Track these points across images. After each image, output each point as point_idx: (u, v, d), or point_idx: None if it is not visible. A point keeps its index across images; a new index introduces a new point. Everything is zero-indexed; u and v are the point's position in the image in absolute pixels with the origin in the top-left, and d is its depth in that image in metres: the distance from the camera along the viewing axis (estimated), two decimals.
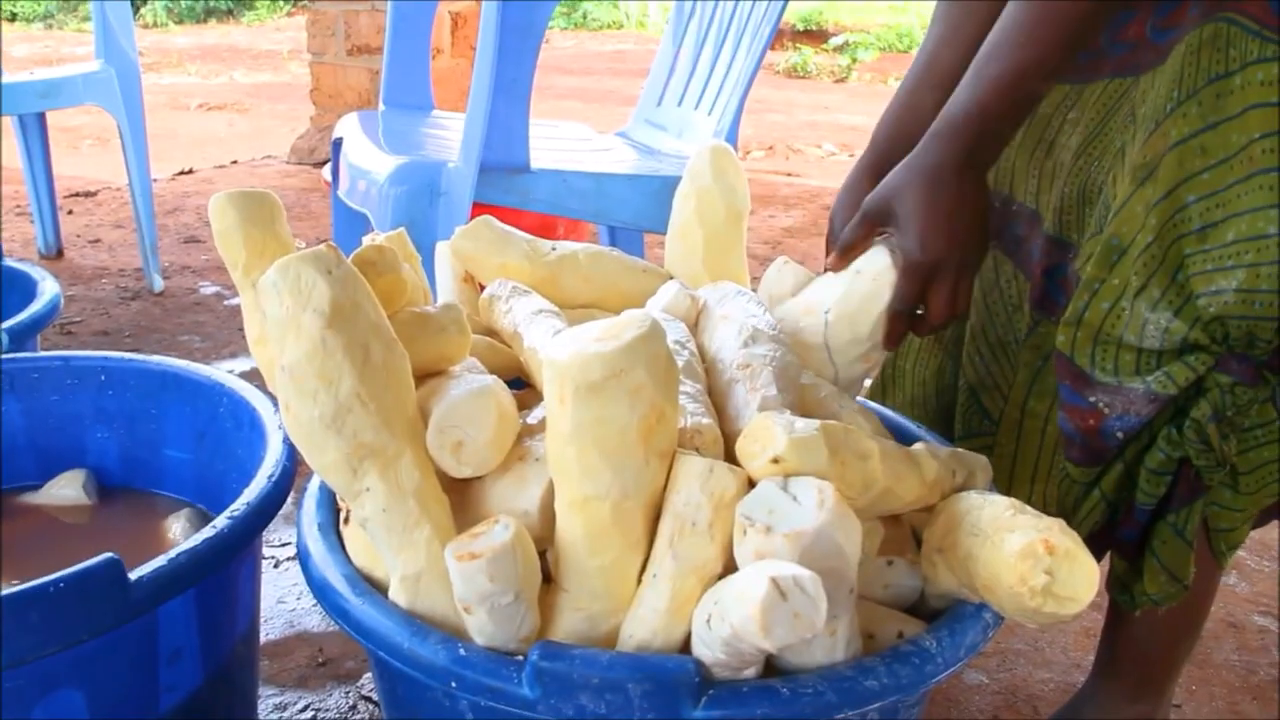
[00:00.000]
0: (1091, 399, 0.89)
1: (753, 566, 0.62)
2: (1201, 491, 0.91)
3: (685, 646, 0.68)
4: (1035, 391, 1.01)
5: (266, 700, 1.22)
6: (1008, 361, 1.04)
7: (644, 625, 0.69)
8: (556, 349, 0.68)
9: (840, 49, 8.02)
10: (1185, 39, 0.84)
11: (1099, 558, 1.00)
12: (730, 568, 0.67)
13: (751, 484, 0.70)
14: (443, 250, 1.06)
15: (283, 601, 1.41)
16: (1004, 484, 1.04)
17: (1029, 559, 0.66)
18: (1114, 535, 0.97)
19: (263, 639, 1.31)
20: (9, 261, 1.52)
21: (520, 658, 0.68)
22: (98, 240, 3.01)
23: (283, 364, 0.71)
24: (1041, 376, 1.00)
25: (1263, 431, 0.88)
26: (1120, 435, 0.89)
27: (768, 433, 0.70)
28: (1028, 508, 0.72)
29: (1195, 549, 0.93)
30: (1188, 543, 0.92)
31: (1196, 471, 0.89)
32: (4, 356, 1.11)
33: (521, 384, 0.95)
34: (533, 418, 0.85)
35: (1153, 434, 0.90)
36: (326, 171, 2.10)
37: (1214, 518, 0.93)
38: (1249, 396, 0.86)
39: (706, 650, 0.65)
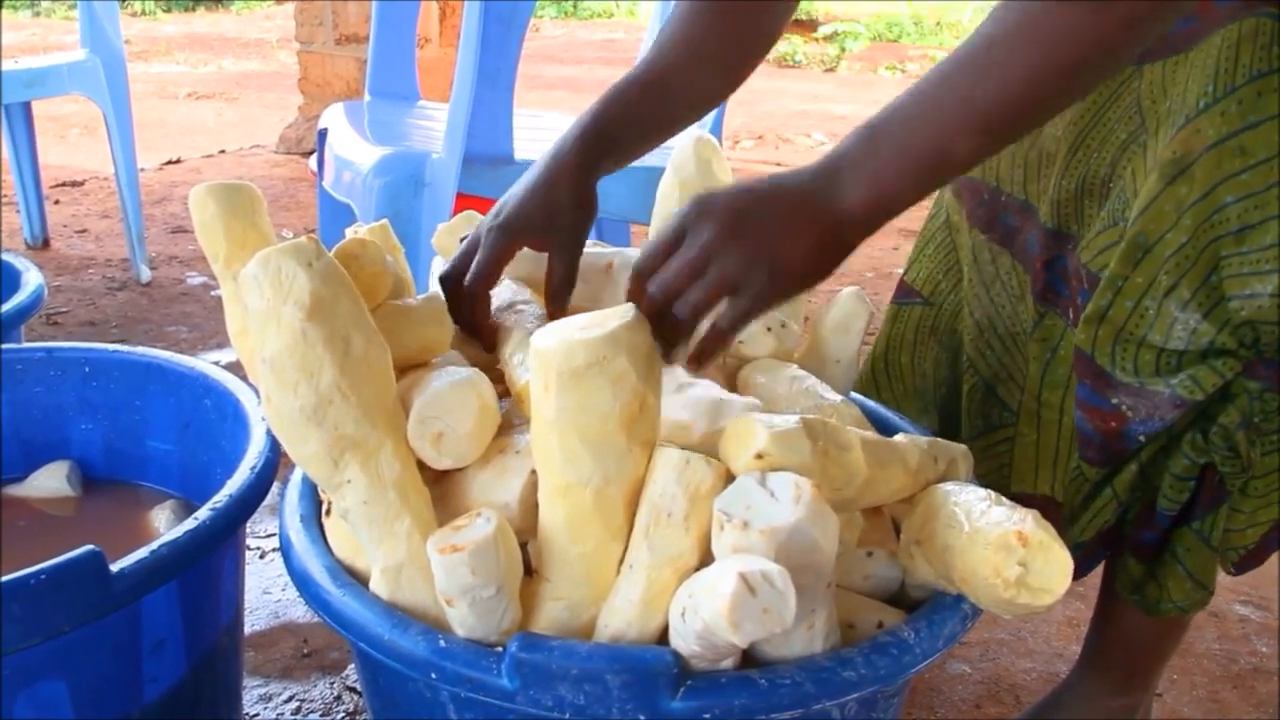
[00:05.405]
0: (1114, 401, 0.88)
1: (723, 561, 0.63)
2: (1225, 497, 0.90)
3: (661, 638, 0.69)
4: (1047, 383, 0.99)
5: (251, 691, 1.22)
6: (1019, 352, 1.03)
7: (619, 616, 0.69)
8: (541, 337, 0.69)
9: (830, 38, 8.00)
10: (1220, 33, 0.82)
11: (1106, 556, 1.00)
12: (707, 560, 0.67)
13: (731, 478, 0.70)
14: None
15: (268, 593, 1.41)
16: (1030, 473, 1.02)
17: (1003, 550, 0.67)
18: (1131, 537, 0.96)
19: (248, 630, 1.31)
20: None
21: (500, 649, 0.68)
22: (85, 230, 3.00)
23: (263, 356, 0.71)
24: (1051, 368, 0.99)
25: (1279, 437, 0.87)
26: (1142, 439, 0.88)
27: (749, 429, 0.70)
28: (1004, 499, 0.73)
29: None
30: (1213, 549, 0.91)
31: (1220, 477, 0.88)
32: None
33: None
34: None
35: (1170, 436, 0.89)
36: (313, 162, 2.09)
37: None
38: (1278, 403, 0.85)
39: (682, 642, 0.66)
